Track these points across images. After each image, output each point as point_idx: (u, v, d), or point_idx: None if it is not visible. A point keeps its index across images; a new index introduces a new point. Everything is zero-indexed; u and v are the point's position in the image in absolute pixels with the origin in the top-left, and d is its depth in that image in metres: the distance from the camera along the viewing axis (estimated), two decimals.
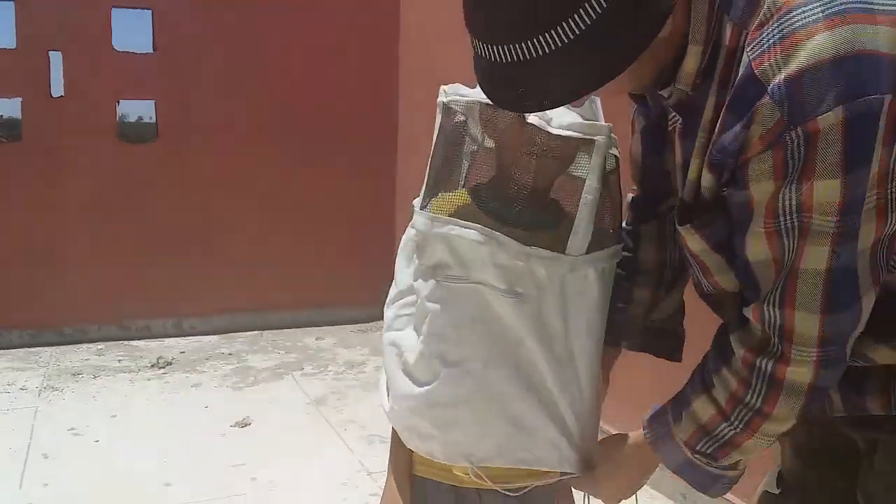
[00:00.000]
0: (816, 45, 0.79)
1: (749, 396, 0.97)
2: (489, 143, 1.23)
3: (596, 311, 1.19)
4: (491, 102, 1.00)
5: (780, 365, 0.93)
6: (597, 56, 0.86)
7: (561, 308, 1.15)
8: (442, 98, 1.21)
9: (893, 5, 0.82)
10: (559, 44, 0.84)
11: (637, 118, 1.22)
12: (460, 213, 1.17)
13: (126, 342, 4.54)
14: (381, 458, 2.89)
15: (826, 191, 0.82)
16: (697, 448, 1.04)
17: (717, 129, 0.90)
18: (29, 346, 4.39)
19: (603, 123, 1.14)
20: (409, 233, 1.27)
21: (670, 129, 1.06)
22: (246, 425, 3.39)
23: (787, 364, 0.92)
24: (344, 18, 4.82)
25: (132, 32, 4.70)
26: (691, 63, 0.92)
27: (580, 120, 1.12)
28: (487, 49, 0.89)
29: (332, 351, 4.53)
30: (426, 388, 1.20)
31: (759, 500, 1.35)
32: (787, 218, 0.86)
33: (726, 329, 1.01)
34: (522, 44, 0.85)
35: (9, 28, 4.27)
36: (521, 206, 1.15)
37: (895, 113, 0.80)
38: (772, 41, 0.82)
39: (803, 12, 0.81)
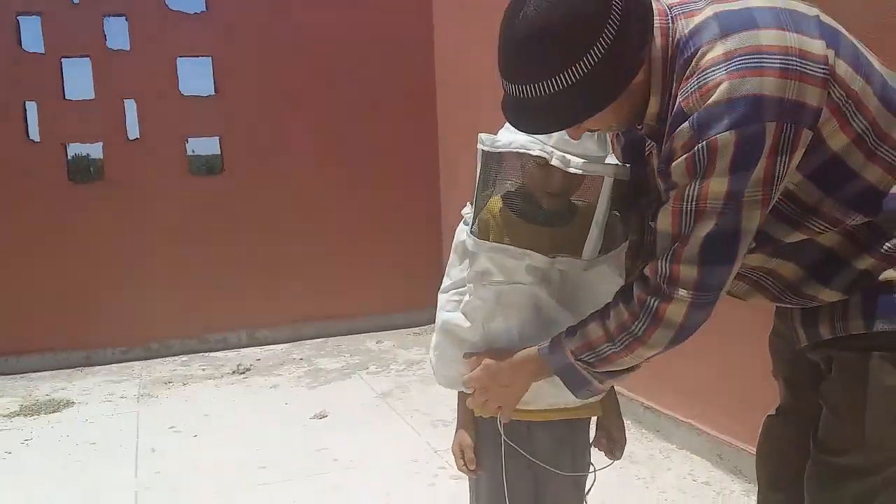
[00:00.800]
0: (719, 91, 1.15)
1: (634, 326, 1.30)
2: (518, 182, 1.60)
3: (613, 286, 1.53)
4: (516, 132, 1.39)
5: (663, 304, 1.27)
6: (589, 95, 1.20)
7: (580, 289, 1.52)
8: (480, 146, 1.54)
9: (778, 62, 1.14)
10: (562, 86, 1.19)
11: (616, 139, 1.58)
12: (497, 227, 1.54)
13: (205, 353, 5.02)
14: (444, 439, 3.33)
15: (716, 186, 1.17)
16: (580, 357, 1.37)
17: (663, 150, 1.26)
18: (120, 362, 4.89)
19: (611, 163, 1.48)
20: (461, 236, 1.62)
21: (647, 152, 1.44)
22: (324, 417, 3.80)
23: (669, 303, 1.26)
24: (383, 58, 5.27)
25: (196, 78, 5.20)
26: (653, 107, 1.29)
27: (594, 153, 1.46)
28: (514, 88, 1.24)
29: (393, 352, 4.94)
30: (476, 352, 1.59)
31: (763, 423, 1.70)
32: (689, 202, 1.21)
33: (631, 283, 1.36)
34: (538, 84, 1.20)
35: (87, 81, 4.81)
36: (544, 209, 1.53)
37: (777, 135, 1.14)
38: (693, 89, 1.18)
39: (713, 71, 1.17)
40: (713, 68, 1.17)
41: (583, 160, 1.43)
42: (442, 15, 5.31)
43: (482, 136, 1.53)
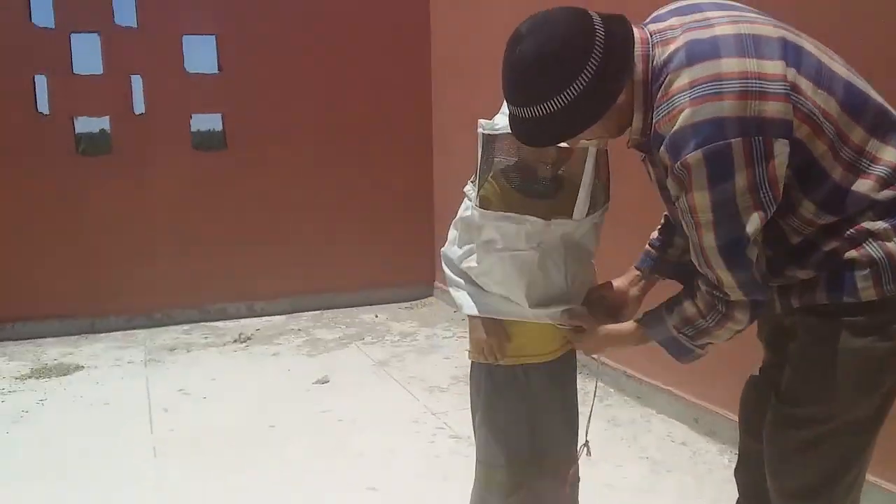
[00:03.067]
0: (684, 117, 1.35)
1: (717, 307, 1.50)
2: (515, 159, 1.84)
3: (593, 242, 1.86)
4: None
5: (726, 299, 1.47)
6: (577, 116, 1.42)
7: (569, 245, 1.81)
8: (480, 130, 1.78)
9: (738, 86, 1.32)
10: (552, 109, 1.40)
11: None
12: (497, 199, 1.77)
13: (207, 323, 5.22)
14: (441, 402, 3.59)
15: (700, 199, 1.37)
16: (682, 331, 1.57)
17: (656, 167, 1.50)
18: (124, 329, 5.08)
19: None
20: (465, 213, 1.87)
21: (642, 160, 1.64)
22: (325, 382, 4.03)
23: (729, 298, 1.47)
24: (381, 38, 5.47)
25: (201, 56, 5.35)
26: (636, 123, 1.50)
27: None
28: (514, 109, 1.47)
29: (387, 324, 5.17)
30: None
31: (747, 380, 1.95)
32: (686, 215, 1.42)
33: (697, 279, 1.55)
34: (533, 107, 1.42)
35: (96, 56, 4.95)
36: (539, 184, 1.78)
37: (746, 148, 1.32)
38: (663, 114, 1.39)
39: (678, 98, 1.37)
40: (678, 95, 1.38)
41: None
42: None
43: (482, 121, 1.77)
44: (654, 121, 1.43)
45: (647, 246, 1.92)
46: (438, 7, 5.52)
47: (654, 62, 1.44)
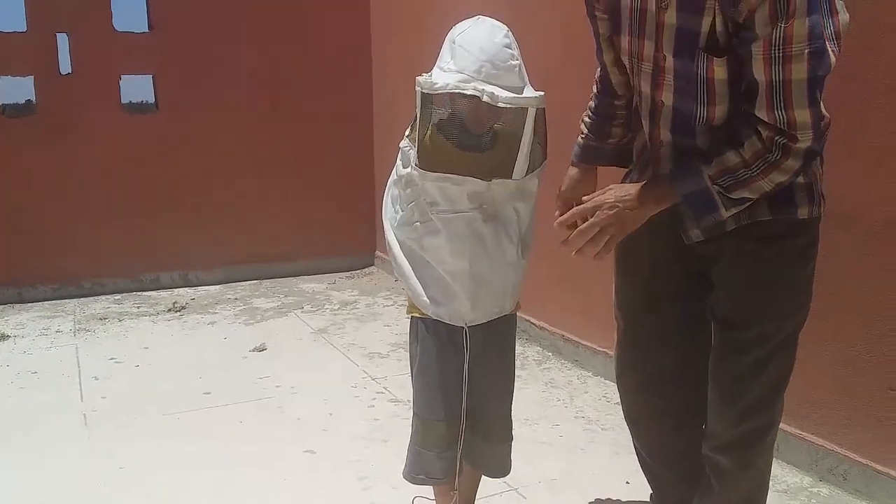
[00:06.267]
0: None
1: (769, 155, 1.45)
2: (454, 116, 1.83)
3: (533, 197, 1.86)
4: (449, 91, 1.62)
5: (789, 143, 1.43)
6: None
7: (513, 207, 1.83)
8: (418, 88, 1.73)
9: None
10: None
11: (597, 13, 1.73)
12: (435, 154, 1.74)
13: (139, 293, 5.07)
14: (380, 368, 3.60)
15: (799, 26, 1.33)
16: (718, 181, 1.50)
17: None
18: (52, 300, 4.90)
19: (533, 95, 1.70)
20: (402, 170, 1.84)
21: (655, 7, 1.53)
22: (263, 350, 3.97)
23: (794, 142, 1.43)
24: None
25: (130, 13, 5.14)
26: None
27: (517, 85, 1.69)
28: None
29: (326, 293, 5.12)
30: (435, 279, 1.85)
31: (619, 341, 1.98)
32: (774, 49, 1.36)
33: (740, 130, 1.48)
34: None
35: (19, 12, 4.71)
36: (475, 140, 1.77)
37: None
38: None
39: None
40: None
41: (510, 94, 1.67)
42: None
43: (419, 79, 1.73)
44: None
45: (583, 141, 1.94)
46: None
47: None
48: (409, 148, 1.82)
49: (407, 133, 1.84)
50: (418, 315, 1.92)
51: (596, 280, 3.35)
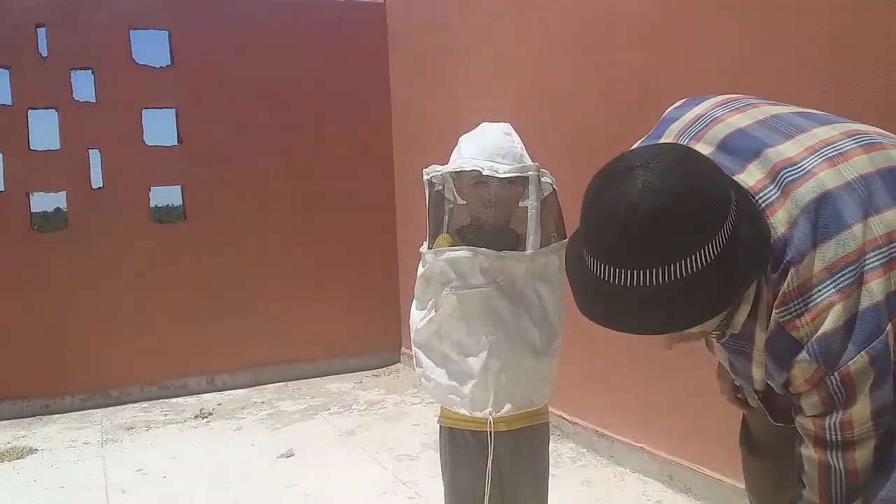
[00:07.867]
0: (835, 313, 1.08)
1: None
2: (461, 200, 1.90)
3: (558, 282, 1.83)
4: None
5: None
6: (721, 282, 1.07)
7: (534, 289, 1.82)
8: (425, 176, 1.85)
9: (875, 260, 1.08)
10: (698, 267, 1.05)
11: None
12: (447, 244, 1.83)
13: (166, 400, 5.05)
14: (411, 471, 3.51)
15: (860, 410, 1.10)
16: None
17: (765, 363, 1.20)
18: (80, 410, 4.89)
19: (531, 164, 1.79)
20: (422, 268, 1.88)
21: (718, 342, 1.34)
22: (290, 455, 3.90)
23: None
24: (341, 107, 5.52)
25: (159, 128, 5.34)
26: (743, 314, 1.20)
27: (517, 165, 1.76)
28: (626, 274, 1.07)
29: (353, 393, 5.07)
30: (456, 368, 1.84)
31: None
32: (833, 433, 1.13)
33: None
34: (668, 267, 1.05)
35: (53, 132, 4.91)
36: (490, 237, 1.80)
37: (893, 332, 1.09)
38: (799, 311, 1.10)
39: (820, 290, 1.09)
40: (819, 287, 1.10)
41: (509, 167, 1.75)
42: (398, 64, 5.60)
43: (426, 169, 1.85)
44: (779, 317, 1.14)
45: None
46: (398, 75, 5.62)
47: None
48: (425, 248, 1.88)
49: (424, 240, 1.90)
50: (447, 424, 1.90)
51: (629, 374, 3.31)
